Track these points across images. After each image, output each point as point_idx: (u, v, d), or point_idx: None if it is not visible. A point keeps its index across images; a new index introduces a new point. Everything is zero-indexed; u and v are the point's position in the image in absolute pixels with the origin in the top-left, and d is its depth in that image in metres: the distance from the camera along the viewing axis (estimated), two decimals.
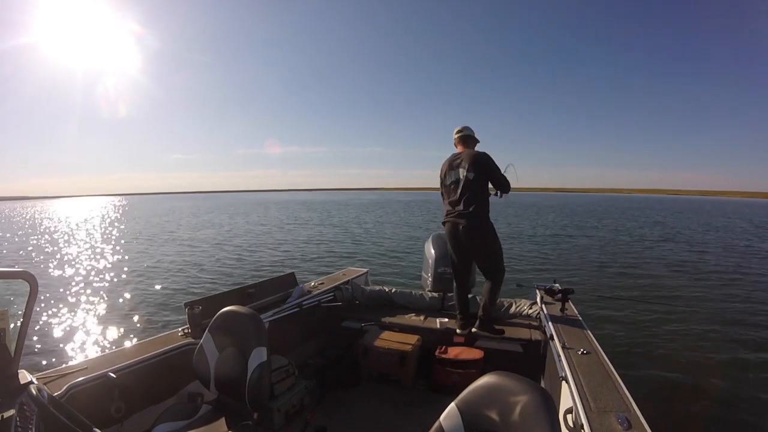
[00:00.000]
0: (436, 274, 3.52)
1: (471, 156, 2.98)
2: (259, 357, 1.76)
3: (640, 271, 10.05)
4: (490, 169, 2.97)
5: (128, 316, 6.56)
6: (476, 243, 2.94)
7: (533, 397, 1.03)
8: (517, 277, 8.81)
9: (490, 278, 3.01)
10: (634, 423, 1.41)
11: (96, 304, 7.30)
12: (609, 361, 1.98)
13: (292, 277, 3.47)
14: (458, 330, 3.09)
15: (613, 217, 30.73)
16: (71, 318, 6.47)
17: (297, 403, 2.58)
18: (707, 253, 13.11)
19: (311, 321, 3.29)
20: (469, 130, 3.19)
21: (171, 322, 6.10)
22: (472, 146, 3.16)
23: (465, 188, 2.93)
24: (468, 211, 2.89)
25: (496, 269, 3.01)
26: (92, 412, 1.78)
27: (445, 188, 3.11)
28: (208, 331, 1.99)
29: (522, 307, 3.28)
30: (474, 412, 1.11)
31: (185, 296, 7.24)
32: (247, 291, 2.97)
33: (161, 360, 2.20)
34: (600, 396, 1.61)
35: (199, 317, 2.44)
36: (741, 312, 6.71)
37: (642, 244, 15.40)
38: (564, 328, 2.47)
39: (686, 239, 16.89)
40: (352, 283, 3.82)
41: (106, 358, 2.12)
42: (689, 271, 10.18)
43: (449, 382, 2.81)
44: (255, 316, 1.91)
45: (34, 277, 1.65)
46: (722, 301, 7.37)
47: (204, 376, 1.95)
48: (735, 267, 10.71)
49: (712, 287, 8.44)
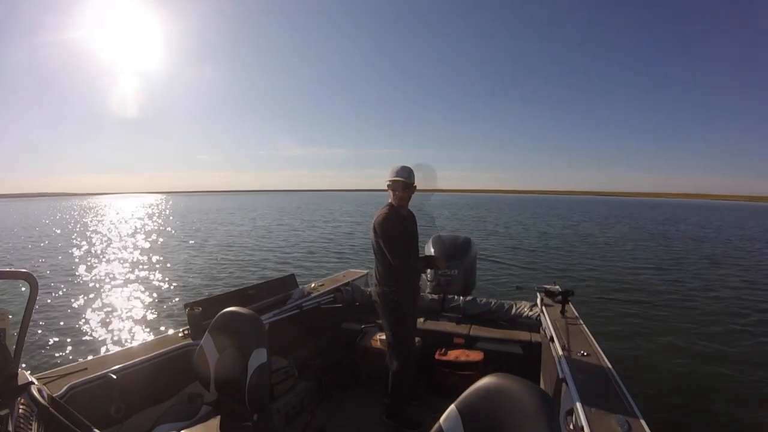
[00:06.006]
0: (435, 276, 3.51)
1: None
2: (259, 358, 1.76)
3: (640, 273, 10.03)
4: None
5: (129, 317, 6.56)
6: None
7: (533, 399, 1.03)
8: (517, 280, 8.82)
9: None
10: (635, 425, 1.40)
11: (96, 303, 7.30)
12: (609, 362, 1.98)
13: (292, 278, 3.47)
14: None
15: (613, 218, 30.72)
16: (71, 318, 6.46)
17: (297, 405, 2.57)
18: (708, 253, 13.11)
19: (311, 322, 3.28)
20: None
21: (171, 323, 6.11)
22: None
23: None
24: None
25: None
26: (92, 412, 1.78)
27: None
28: (208, 332, 1.99)
29: (522, 309, 3.28)
30: (474, 413, 1.10)
31: (188, 296, 7.26)
32: (247, 292, 2.97)
33: (161, 361, 2.20)
34: (600, 398, 1.61)
35: (200, 318, 2.44)
36: (742, 313, 6.70)
37: (642, 246, 15.39)
38: (564, 330, 2.47)
39: (686, 240, 16.90)
40: (352, 285, 3.81)
41: (106, 359, 2.12)
42: (690, 272, 10.17)
43: (449, 384, 2.81)
44: (255, 318, 1.91)
45: (34, 278, 1.65)
46: (723, 303, 7.36)
47: (204, 377, 1.95)
48: (735, 267, 10.71)
49: (713, 288, 8.43)
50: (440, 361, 2.91)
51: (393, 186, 2.43)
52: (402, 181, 2.41)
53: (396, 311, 2.50)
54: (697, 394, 4.03)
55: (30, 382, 1.59)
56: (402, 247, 2.42)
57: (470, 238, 3.88)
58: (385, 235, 2.39)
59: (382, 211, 2.47)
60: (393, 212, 2.46)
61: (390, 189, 2.45)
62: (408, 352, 2.55)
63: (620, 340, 5.34)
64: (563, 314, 2.76)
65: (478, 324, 3.25)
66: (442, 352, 2.95)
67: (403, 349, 2.54)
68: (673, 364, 4.68)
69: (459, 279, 3.59)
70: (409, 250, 2.50)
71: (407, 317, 2.56)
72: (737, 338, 5.55)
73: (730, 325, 6.11)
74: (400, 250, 2.39)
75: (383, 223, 2.41)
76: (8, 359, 1.60)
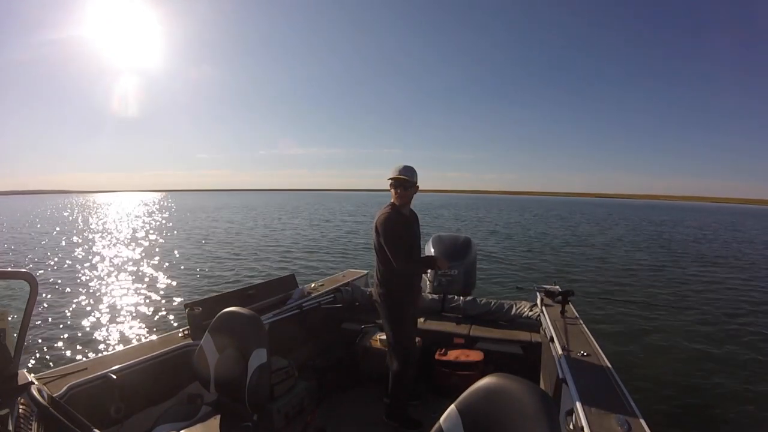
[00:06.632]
0: (436, 276, 3.51)
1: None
2: (259, 358, 1.76)
3: (639, 274, 10.04)
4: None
5: (129, 316, 6.55)
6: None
7: (533, 399, 1.03)
8: (518, 279, 8.82)
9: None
10: (634, 425, 1.40)
11: (96, 303, 7.30)
12: (609, 362, 1.98)
13: (292, 278, 3.47)
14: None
15: (611, 220, 30.71)
16: (71, 318, 6.45)
17: (297, 405, 2.57)
18: (706, 255, 13.12)
19: (311, 322, 3.28)
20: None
21: (171, 323, 6.11)
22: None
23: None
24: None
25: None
26: (92, 412, 1.78)
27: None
28: (208, 332, 1.99)
29: (522, 309, 3.28)
30: (474, 414, 1.10)
31: (188, 296, 7.25)
32: (247, 292, 2.97)
33: (161, 361, 2.20)
34: (600, 398, 1.61)
35: (200, 318, 2.44)
36: (741, 314, 6.71)
37: (641, 247, 15.39)
38: (564, 330, 2.47)
39: (684, 242, 16.89)
40: (352, 285, 3.81)
41: (106, 359, 2.12)
42: (688, 272, 10.18)
43: (449, 384, 2.80)
44: (255, 318, 1.91)
45: (35, 278, 1.65)
46: (722, 303, 7.36)
47: (204, 377, 1.95)
48: (734, 269, 10.71)
49: (712, 289, 8.44)
50: (440, 361, 2.91)
51: (395, 185, 2.40)
52: (404, 179, 2.38)
53: (397, 311, 2.49)
54: (697, 393, 4.03)
55: (30, 382, 1.59)
56: (403, 247, 2.40)
57: (470, 238, 3.88)
58: (386, 235, 2.37)
59: (384, 211, 2.45)
60: (395, 212, 2.43)
61: (392, 188, 2.42)
62: (408, 352, 2.54)
63: (620, 340, 5.34)
64: (563, 314, 2.76)
65: (478, 324, 3.25)
66: (442, 352, 2.95)
67: (404, 349, 2.52)
68: (673, 363, 4.68)
69: (459, 279, 3.58)
70: (410, 250, 2.48)
71: (408, 317, 2.55)
72: (737, 338, 5.56)
73: (729, 325, 6.12)
74: (402, 250, 2.37)
75: (385, 223, 2.38)
76: (8, 359, 1.60)
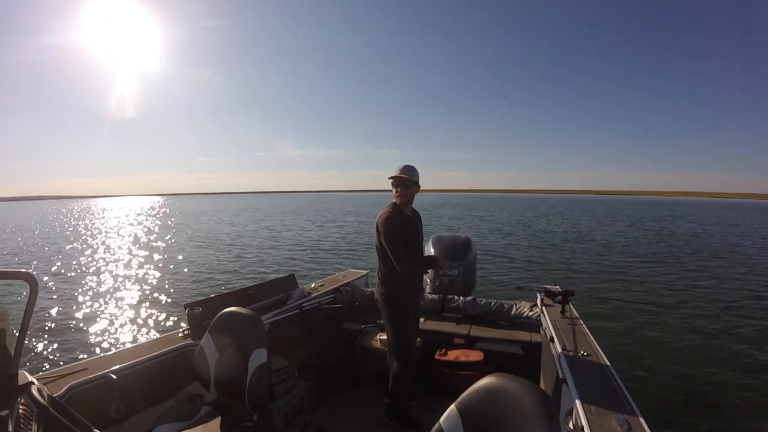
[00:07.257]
0: (436, 276, 3.51)
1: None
2: (259, 358, 1.76)
3: (640, 273, 10.03)
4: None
5: (129, 317, 6.56)
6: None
7: (533, 399, 1.03)
8: (518, 280, 8.82)
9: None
10: (635, 425, 1.40)
11: (96, 304, 7.30)
12: (609, 362, 1.98)
13: (292, 278, 3.47)
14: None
15: (611, 217, 30.71)
16: (71, 318, 6.46)
17: (297, 405, 2.57)
18: (707, 251, 13.10)
19: (311, 322, 3.29)
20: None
21: (171, 323, 6.11)
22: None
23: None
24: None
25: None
26: (92, 412, 1.78)
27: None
28: (208, 332, 1.99)
29: (522, 309, 3.28)
30: (474, 414, 1.10)
31: (188, 296, 7.25)
32: (247, 292, 2.97)
33: (161, 361, 2.20)
34: (600, 398, 1.60)
35: (200, 318, 2.44)
36: (742, 313, 6.69)
37: (642, 245, 15.38)
38: (564, 330, 2.47)
39: (685, 238, 16.89)
40: (352, 285, 3.81)
41: (106, 359, 2.12)
42: (689, 271, 10.16)
43: (449, 384, 2.80)
44: (255, 318, 1.91)
45: (35, 278, 1.65)
46: (723, 303, 7.35)
47: (204, 377, 1.95)
48: (735, 265, 10.70)
49: (713, 288, 8.42)
50: (440, 361, 2.90)
51: (395, 183, 2.39)
52: (404, 178, 2.37)
53: (398, 311, 2.48)
54: (697, 393, 4.03)
55: (30, 382, 1.59)
56: (404, 247, 2.38)
57: (470, 238, 3.88)
58: (387, 235, 2.35)
59: (386, 210, 2.43)
60: (396, 211, 2.42)
61: (393, 187, 2.41)
62: (408, 352, 2.53)
63: (620, 340, 5.33)
64: (563, 314, 2.77)
65: (478, 324, 3.25)
66: (443, 352, 2.95)
67: (404, 349, 2.51)
68: (674, 363, 4.68)
69: (459, 279, 3.58)
70: (412, 249, 2.47)
71: (409, 317, 2.54)
72: (737, 338, 5.55)
73: (730, 324, 6.11)
74: (403, 250, 2.36)
75: (386, 223, 2.37)
76: (8, 359, 1.60)
